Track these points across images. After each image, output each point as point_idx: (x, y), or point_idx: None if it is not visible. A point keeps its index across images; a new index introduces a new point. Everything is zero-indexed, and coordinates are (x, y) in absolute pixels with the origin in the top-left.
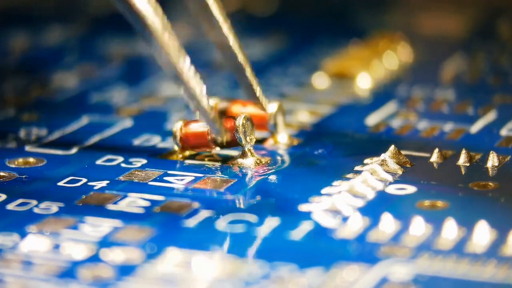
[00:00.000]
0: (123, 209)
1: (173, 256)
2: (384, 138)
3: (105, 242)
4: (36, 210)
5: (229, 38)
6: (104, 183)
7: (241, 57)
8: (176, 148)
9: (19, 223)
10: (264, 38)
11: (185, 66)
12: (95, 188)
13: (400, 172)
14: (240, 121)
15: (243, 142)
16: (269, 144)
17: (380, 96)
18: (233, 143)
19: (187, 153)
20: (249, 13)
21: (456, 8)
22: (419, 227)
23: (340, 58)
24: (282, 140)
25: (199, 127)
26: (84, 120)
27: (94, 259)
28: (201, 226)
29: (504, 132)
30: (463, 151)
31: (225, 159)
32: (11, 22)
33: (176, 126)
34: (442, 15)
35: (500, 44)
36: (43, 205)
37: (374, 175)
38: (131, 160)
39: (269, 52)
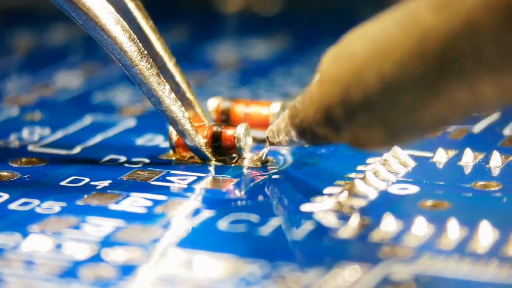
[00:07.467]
0: (125, 209)
1: (174, 256)
2: None
3: (107, 241)
4: (38, 210)
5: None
6: (106, 183)
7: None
8: (171, 152)
9: (21, 223)
10: (268, 38)
11: (165, 93)
12: (98, 188)
13: (402, 171)
14: (241, 131)
15: (244, 153)
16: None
17: None
18: (231, 152)
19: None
20: (253, 13)
21: None
22: (421, 227)
23: None
24: None
25: None
26: (87, 120)
27: (96, 259)
28: (203, 226)
29: (507, 131)
30: (466, 151)
31: (225, 160)
32: (15, 21)
33: (171, 133)
34: None
35: None
36: (45, 204)
37: (377, 174)
38: (134, 159)
39: (273, 52)
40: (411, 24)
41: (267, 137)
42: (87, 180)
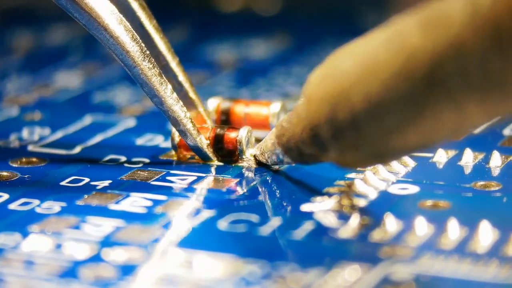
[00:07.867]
0: (125, 209)
1: (174, 256)
2: None
3: (107, 241)
4: (38, 210)
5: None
6: (106, 183)
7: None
8: (173, 152)
9: (21, 223)
10: (268, 37)
11: (167, 93)
12: (98, 188)
13: (402, 171)
14: (243, 134)
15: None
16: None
17: None
18: (232, 156)
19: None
20: (253, 13)
21: None
22: (421, 227)
23: None
24: None
25: None
26: (87, 120)
27: (96, 259)
28: (203, 226)
29: (507, 131)
30: (466, 151)
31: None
32: (15, 21)
33: (174, 134)
34: None
35: None
36: (45, 204)
37: (377, 174)
38: (134, 159)
39: (272, 52)
40: (398, 44)
41: (254, 156)
42: (87, 180)
